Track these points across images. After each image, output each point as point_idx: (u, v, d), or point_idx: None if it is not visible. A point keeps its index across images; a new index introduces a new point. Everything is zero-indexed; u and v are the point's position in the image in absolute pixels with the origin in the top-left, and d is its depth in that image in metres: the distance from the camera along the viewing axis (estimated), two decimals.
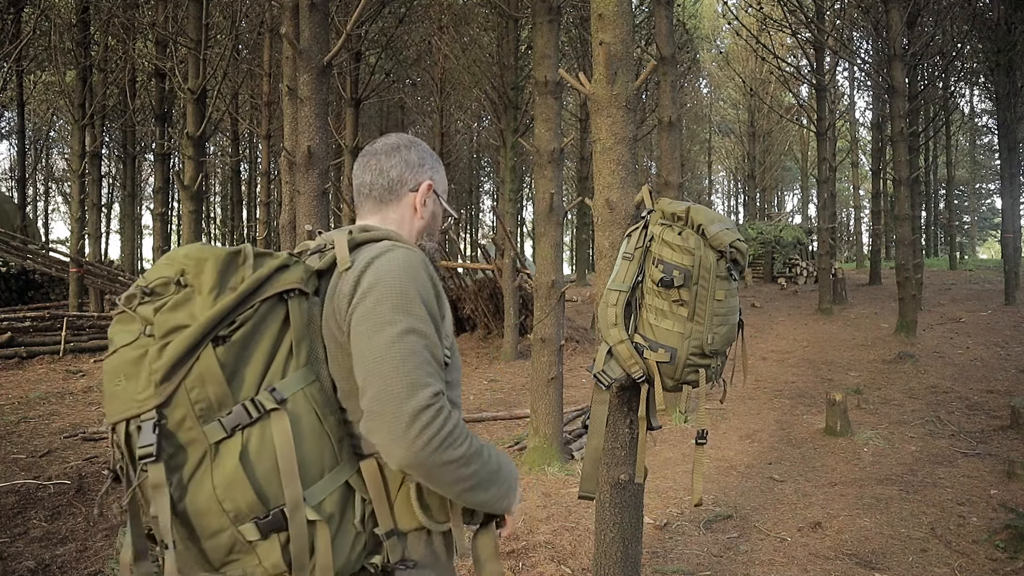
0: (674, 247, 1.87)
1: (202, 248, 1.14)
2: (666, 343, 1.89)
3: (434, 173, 1.40)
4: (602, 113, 2.62)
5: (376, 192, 1.35)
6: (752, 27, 14.69)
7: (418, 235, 1.38)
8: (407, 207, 1.37)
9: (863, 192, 28.25)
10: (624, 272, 1.99)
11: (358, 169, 1.38)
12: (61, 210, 36.26)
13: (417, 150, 1.38)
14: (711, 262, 1.85)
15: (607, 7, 2.59)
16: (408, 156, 1.37)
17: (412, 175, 1.36)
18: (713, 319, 1.87)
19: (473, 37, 13.36)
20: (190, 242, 8.48)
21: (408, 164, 1.36)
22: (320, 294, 1.21)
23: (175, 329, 1.06)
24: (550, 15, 5.35)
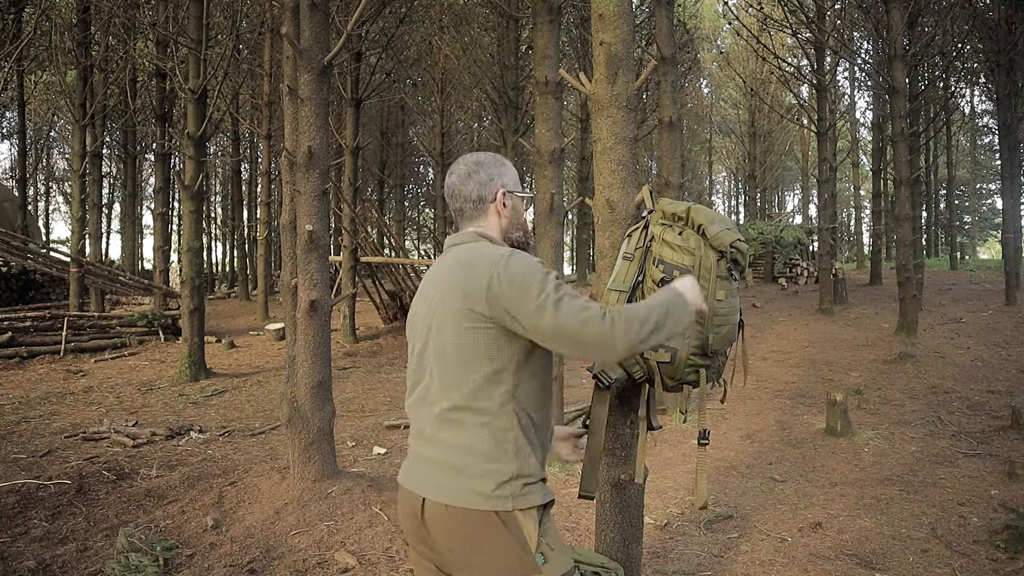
0: (674, 247, 1.86)
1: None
2: (666, 343, 1.85)
3: (502, 179, 1.72)
4: (602, 113, 2.62)
5: (468, 212, 1.71)
6: (752, 27, 14.69)
7: (507, 229, 1.72)
8: (493, 214, 1.72)
9: (864, 192, 28.24)
10: (624, 272, 1.98)
11: (449, 200, 1.74)
12: (62, 210, 36.28)
13: (485, 170, 1.71)
14: (711, 262, 1.84)
15: (607, 7, 2.59)
16: (479, 178, 1.70)
17: (488, 191, 1.70)
18: (714, 319, 1.85)
19: (473, 37, 13.37)
20: (190, 242, 8.48)
21: (482, 184, 1.70)
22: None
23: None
24: (550, 15, 5.35)
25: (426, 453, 1.60)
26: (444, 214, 18.19)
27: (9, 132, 27.40)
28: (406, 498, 1.63)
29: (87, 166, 12.15)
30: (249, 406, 7.16)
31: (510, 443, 1.54)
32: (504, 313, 1.49)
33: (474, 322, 1.52)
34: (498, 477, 1.52)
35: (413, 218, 35.58)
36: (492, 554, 1.52)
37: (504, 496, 1.51)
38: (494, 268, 1.51)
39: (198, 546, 3.48)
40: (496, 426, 1.53)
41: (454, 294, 1.55)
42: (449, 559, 1.57)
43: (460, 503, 1.52)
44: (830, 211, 14.02)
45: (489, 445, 1.53)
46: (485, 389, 1.53)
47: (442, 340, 1.57)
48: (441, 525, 1.54)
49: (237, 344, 11.18)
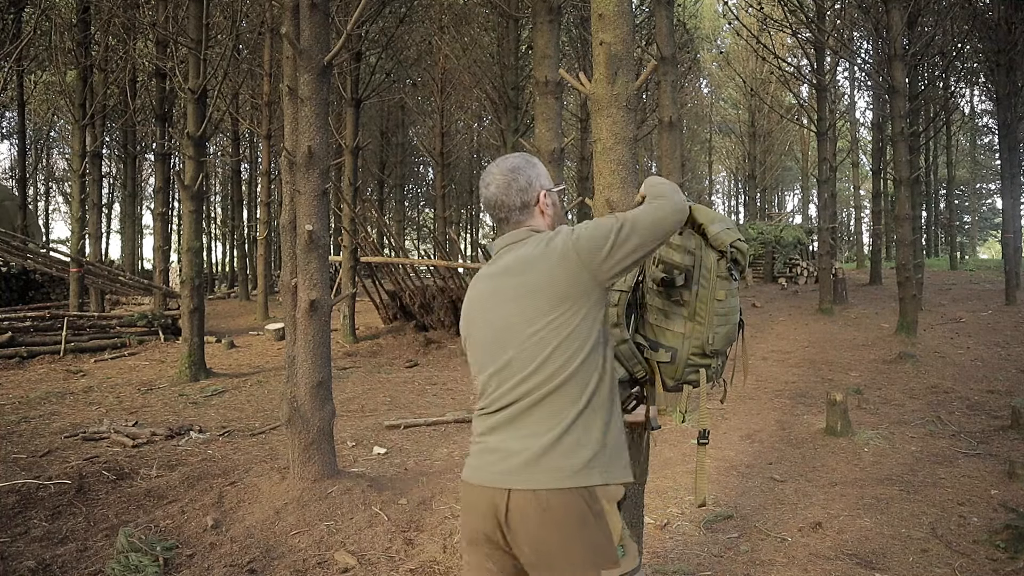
0: (674, 247, 1.85)
1: None
2: (667, 343, 1.87)
3: (539, 180, 1.77)
4: (602, 113, 2.62)
5: (514, 219, 1.76)
6: (752, 27, 14.68)
7: (552, 224, 1.78)
8: (538, 215, 1.77)
9: (863, 192, 28.24)
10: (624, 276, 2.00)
11: (492, 211, 1.78)
12: (61, 210, 36.29)
13: (522, 175, 1.75)
14: (712, 262, 1.84)
15: (607, 7, 2.59)
16: (519, 184, 1.74)
17: (530, 195, 1.75)
18: (714, 319, 1.85)
19: (473, 37, 13.37)
20: (190, 242, 8.48)
21: (523, 190, 1.74)
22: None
23: None
24: (550, 15, 5.35)
25: (513, 446, 1.58)
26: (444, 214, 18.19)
27: (9, 132, 27.41)
28: (481, 496, 1.61)
29: (87, 166, 12.14)
30: (249, 406, 7.16)
31: (600, 419, 1.59)
32: (599, 264, 1.58)
33: (571, 297, 1.58)
34: (587, 452, 1.56)
35: (413, 218, 35.59)
36: (586, 545, 1.53)
37: (594, 469, 1.55)
38: (569, 236, 1.62)
39: (198, 546, 3.48)
40: (591, 404, 1.58)
41: (535, 281, 1.60)
42: (531, 557, 1.55)
43: (557, 484, 1.53)
44: (830, 211, 14.02)
45: (582, 425, 1.56)
46: (583, 368, 1.57)
47: (527, 331, 1.59)
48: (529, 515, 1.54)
49: (237, 344, 11.18)
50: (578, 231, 1.62)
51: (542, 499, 1.52)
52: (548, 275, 1.59)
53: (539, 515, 1.52)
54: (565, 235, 1.63)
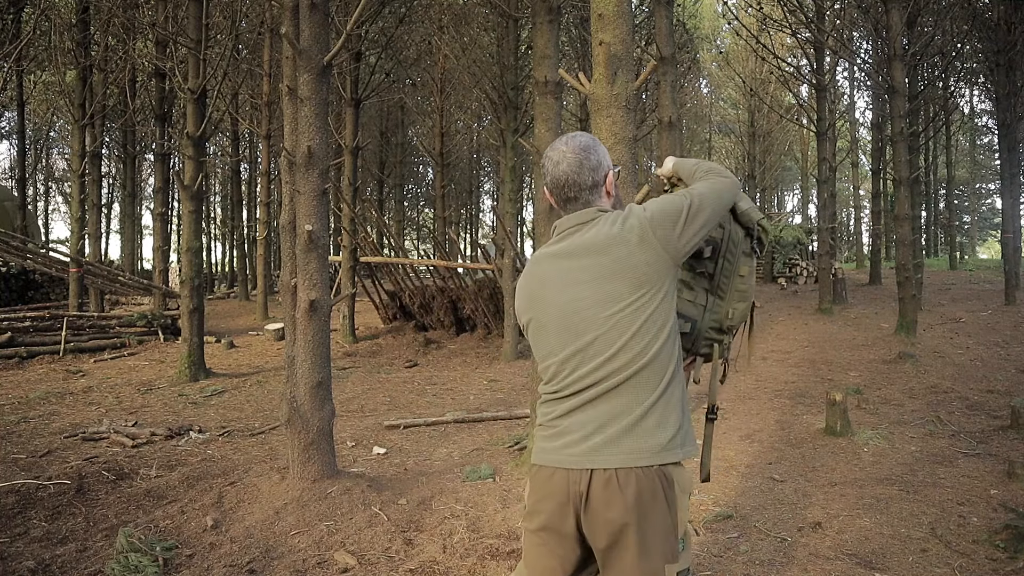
0: None
1: None
2: (687, 314, 1.84)
3: (607, 160, 1.79)
4: (602, 113, 2.63)
5: (584, 197, 1.74)
6: (752, 27, 14.69)
7: (615, 205, 1.80)
8: (604, 195, 1.78)
9: (863, 192, 28.26)
10: None
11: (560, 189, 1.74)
12: (61, 210, 36.28)
13: (593, 155, 1.74)
14: (739, 238, 1.84)
15: (607, 7, 2.60)
16: (591, 164, 1.73)
17: (600, 175, 1.75)
18: (734, 294, 1.87)
19: (473, 37, 13.36)
20: (190, 242, 8.47)
21: (594, 170, 1.73)
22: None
23: None
24: (550, 15, 5.35)
25: (593, 428, 1.60)
26: (444, 214, 18.19)
27: (8, 132, 27.39)
28: (559, 479, 1.61)
29: (86, 166, 12.14)
30: (249, 406, 7.16)
31: (678, 397, 1.63)
32: (674, 241, 1.61)
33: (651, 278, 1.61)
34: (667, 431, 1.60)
35: (412, 218, 35.59)
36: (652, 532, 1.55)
37: (672, 448, 1.59)
38: (643, 216, 1.63)
39: (198, 546, 3.48)
40: (670, 384, 1.62)
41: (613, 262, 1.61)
42: (605, 540, 1.57)
43: (635, 464, 1.56)
44: (829, 211, 14.02)
45: (662, 404, 1.60)
46: (665, 347, 1.61)
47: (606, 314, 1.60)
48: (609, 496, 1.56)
49: (236, 344, 11.18)
50: (650, 210, 1.64)
51: (623, 478, 1.54)
52: (628, 258, 1.60)
53: (619, 495, 1.54)
54: (639, 215, 1.63)
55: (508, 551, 3.37)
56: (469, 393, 7.75)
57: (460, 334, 11.28)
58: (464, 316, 11.24)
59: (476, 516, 3.86)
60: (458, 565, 3.23)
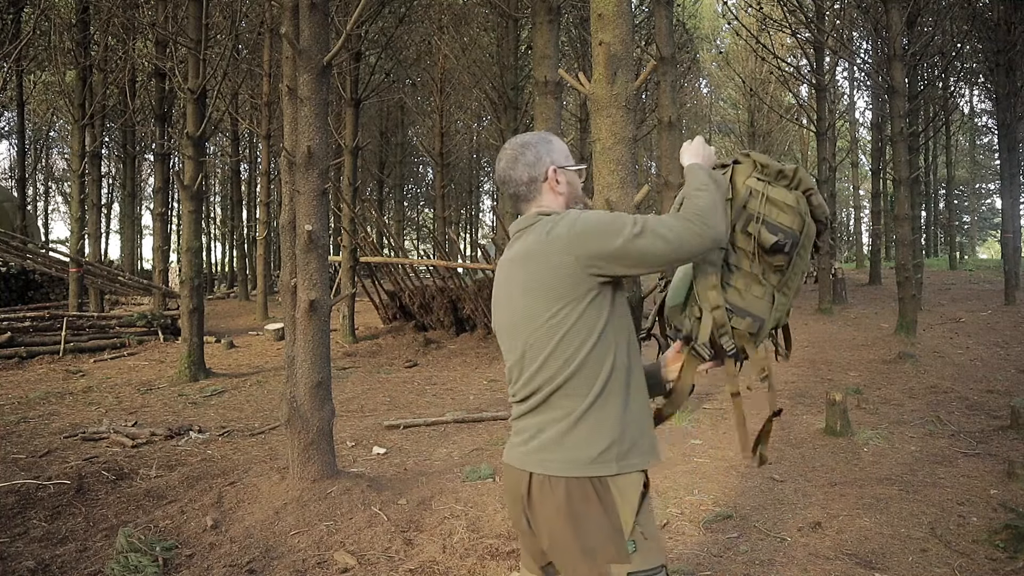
0: (784, 208, 1.69)
1: None
2: (755, 312, 1.71)
3: (550, 155, 1.71)
4: (602, 113, 2.63)
5: (523, 195, 1.72)
6: (752, 27, 14.69)
7: (566, 203, 1.72)
8: (548, 192, 1.71)
9: (863, 192, 28.26)
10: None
11: (502, 187, 1.75)
12: (61, 210, 36.28)
13: (531, 150, 1.71)
14: (814, 232, 1.73)
15: (607, 7, 2.60)
16: (527, 159, 1.70)
17: (538, 170, 1.69)
18: (795, 291, 1.77)
19: (473, 37, 13.37)
20: (190, 242, 8.47)
21: (531, 165, 1.69)
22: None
23: None
24: (550, 15, 5.35)
25: (533, 432, 1.62)
26: (444, 214, 18.19)
27: (8, 132, 27.39)
28: (512, 477, 1.65)
29: (86, 166, 12.14)
30: (248, 406, 7.16)
31: (614, 408, 1.57)
32: (595, 261, 1.52)
33: (573, 292, 1.54)
34: (599, 444, 1.55)
35: (412, 218, 35.59)
36: (588, 534, 1.54)
37: (605, 461, 1.54)
38: (572, 228, 1.54)
39: (197, 546, 3.48)
40: (602, 393, 1.56)
41: (538, 276, 1.57)
42: (546, 542, 1.60)
43: (563, 473, 1.55)
44: (829, 211, 14.01)
45: (592, 414, 1.56)
46: (591, 358, 1.55)
47: (531, 327, 1.59)
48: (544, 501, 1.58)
49: (236, 344, 11.18)
50: (582, 223, 1.54)
51: (555, 486, 1.55)
52: (544, 274, 1.56)
53: (552, 501, 1.55)
54: (567, 226, 1.55)
55: (508, 551, 3.37)
56: (469, 393, 7.75)
57: (460, 334, 11.28)
58: (464, 316, 11.24)
59: (476, 516, 3.86)
60: (458, 565, 3.23)
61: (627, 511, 1.54)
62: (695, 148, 1.79)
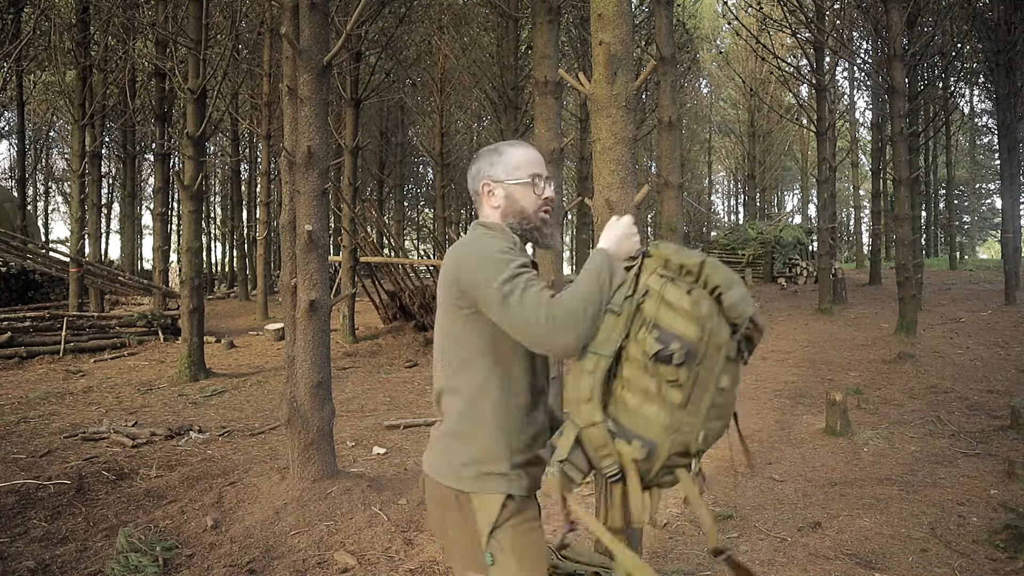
0: (679, 311, 1.40)
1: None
2: (644, 434, 1.42)
3: (489, 170, 1.72)
4: (602, 113, 2.62)
5: (475, 203, 1.78)
6: (752, 27, 14.69)
7: (503, 217, 1.71)
8: (485, 205, 1.74)
9: (863, 192, 28.25)
10: (610, 330, 1.47)
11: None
12: (61, 210, 36.25)
13: (477, 162, 1.75)
14: (723, 338, 1.40)
15: (607, 7, 2.59)
16: (472, 171, 1.75)
17: (474, 184, 1.75)
18: (710, 411, 1.42)
19: (473, 37, 13.37)
20: (190, 242, 8.47)
21: (473, 177, 1.75)
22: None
23: None
24: (550, 15, 5.35)
25: (433, 432, 1.73)
26: (444, 214, 18.19)
27: (8, 132, 27.39)
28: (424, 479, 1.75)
29: (86, 166, 12.14)
30: (249, 406, 7.16)
31: (480, 426, 1.60)
32: (472, 298, 1.55)
33: (456, 303, 1.60)
34: (461, 457, 1.60)
35: (412, 218, 35.59)
36: (454, 537, 1.63)
37: (464, 477, 1.59)
38: (461, 254, 1.59)
39: (198, 546, 3.48)
40: (471, 408, 1.61)
41: (443, 278, 1.64)
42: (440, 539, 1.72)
43: (435, 477, 1.64)
44: (829, 211, 14.02)
45: (461, 425, 1.62)
46: (465, 369, 1.61)
47: (439, 322, 1.69)
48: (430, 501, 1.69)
49: (236, 344, 11.18)
50: (468, 252, 1.57)
51: (431, 485, 1.67)
52: (441, 281, 1.64)
53: (429, 497, 1.69)
54: (463, 246, 1.60)
55: None
56: None
57: None
58: None
59: None
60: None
61: (483, 522, 1.55)
62: (615, 232, 1.64)
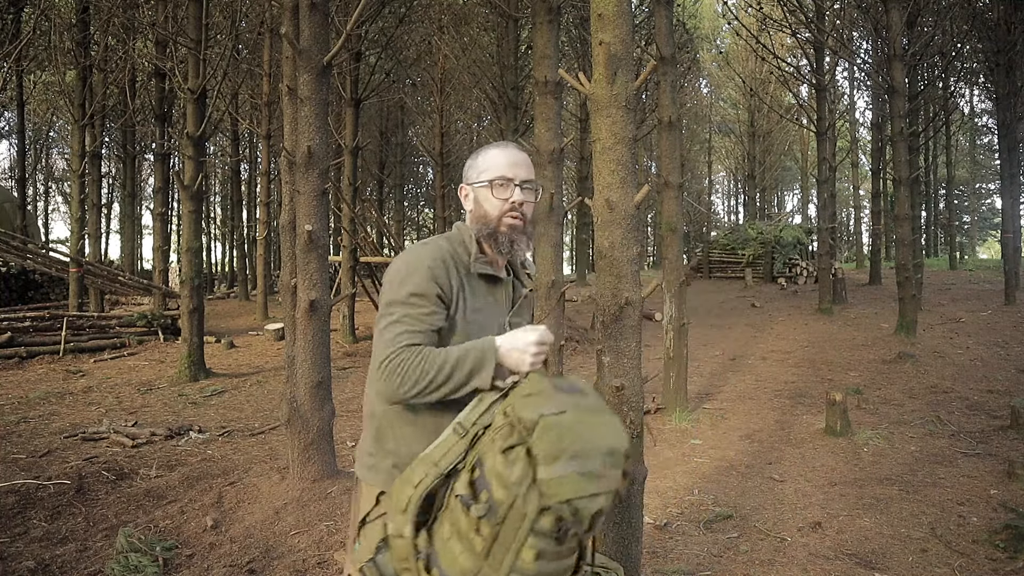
0: (499, 463, 1.23)
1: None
2: (446, 569, 1.28)
3: (465, 172, 1.76)
4: (602, 113, 2.62)
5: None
6: (752, 27, 14.69)
7: (474, 221, 1.71)
8: (464, 206, 1.77)
9: (863, 192, 28.25)
10: (448, 447, 1.37)
11: None
12: (61, 210, 36.24)
13: (465, 165, 1.78)
14: (532, 511, 1.17)
15: (607, 7, 2.59)
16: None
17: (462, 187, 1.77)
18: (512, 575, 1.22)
19: (473, 37, 13.36)
20: (190, 242, 8.47)
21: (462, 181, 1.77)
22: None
23: None
24: (550, 15, 5.35)
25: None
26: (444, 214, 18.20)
27: (8, 132, 27.39)
28: None
29: (86, 166, 12.14)
30: (248, 406, 7.16)
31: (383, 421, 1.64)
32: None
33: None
34: (365, 445, 1.70)
35: (413, 218, 35.58)
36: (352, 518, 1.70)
37: (361, 464, 1.69)
38: (398, 264, 1.62)
39: (198, 546, 3.48)
40: (372, 416, 1.66)
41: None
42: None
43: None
44: (829, 211, 14.02)
45: (376, 418, 1.65)
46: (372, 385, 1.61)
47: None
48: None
49: (236, 344, 11.18)
50: (397, 260, 1.63)
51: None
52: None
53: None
54: (400, 260, 1.63)
55: None
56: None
57: None
58: None
59: None
60: None
61: (362, 511, 1.62)
62: (522, 338, 1.49)
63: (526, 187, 1.69)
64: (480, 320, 1.63)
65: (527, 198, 1.70)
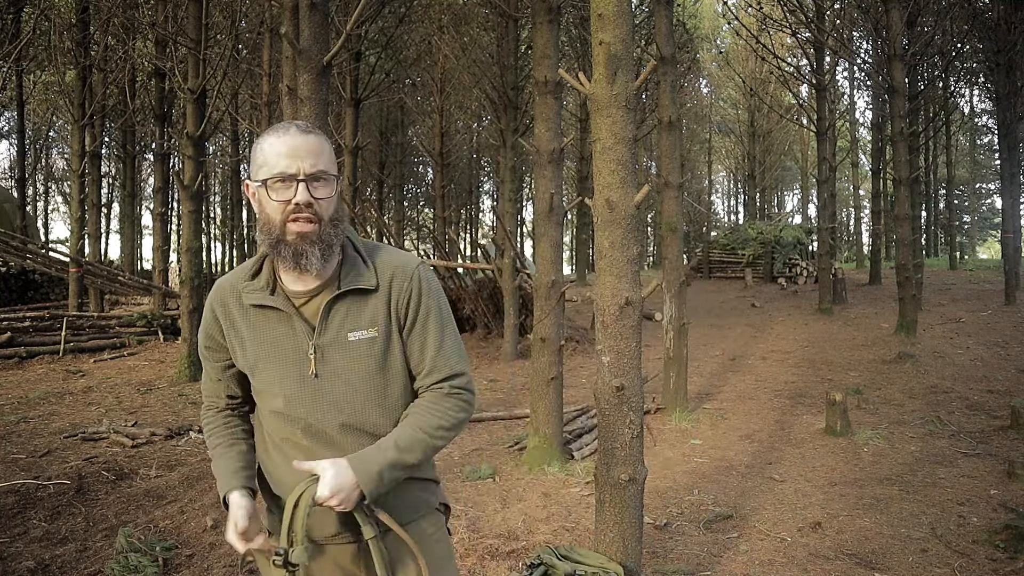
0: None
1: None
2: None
3: (251, 167, 1.32)
4: (602, 113, 2.62)
5: None
6: (752, 27, 14.69)
7: (260, 229, 1.33)
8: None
9: (863, 192, 28.25)
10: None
11: None
12: (61, 210, 36.23)
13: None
14: None
15: (607, 7, 2.59)
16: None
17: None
18: None
19: (473, 37, 13.36)
20: (190, 242, 8.47)
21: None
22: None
23: None
24: (550, 15, 5.35)
25: None
26: (444, 214, 18.21)
27: (8, 132, 27.39)
28: None
29: (86, 166, 12.14)
30: None
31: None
32: None
33: None
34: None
35: (412, 218, 35.57)
36: None
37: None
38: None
39: (197, 546, 3.48)
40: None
41: None
42: None
43: None
44: (829, 211, 14.03)
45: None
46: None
47: None
48: None
49: None
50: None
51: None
52: None
53: None
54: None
55: (508, 551, 3.37)
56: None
57: (460, 334, 11.28)
58: (464, 316, 11.24)
59: (476, 516, 3.86)
60: (458, 565, 3.23)
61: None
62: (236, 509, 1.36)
63: (316, 181, 1.28)
64: (275, 355, 1.35)
65: (319, 195, 1.28)
